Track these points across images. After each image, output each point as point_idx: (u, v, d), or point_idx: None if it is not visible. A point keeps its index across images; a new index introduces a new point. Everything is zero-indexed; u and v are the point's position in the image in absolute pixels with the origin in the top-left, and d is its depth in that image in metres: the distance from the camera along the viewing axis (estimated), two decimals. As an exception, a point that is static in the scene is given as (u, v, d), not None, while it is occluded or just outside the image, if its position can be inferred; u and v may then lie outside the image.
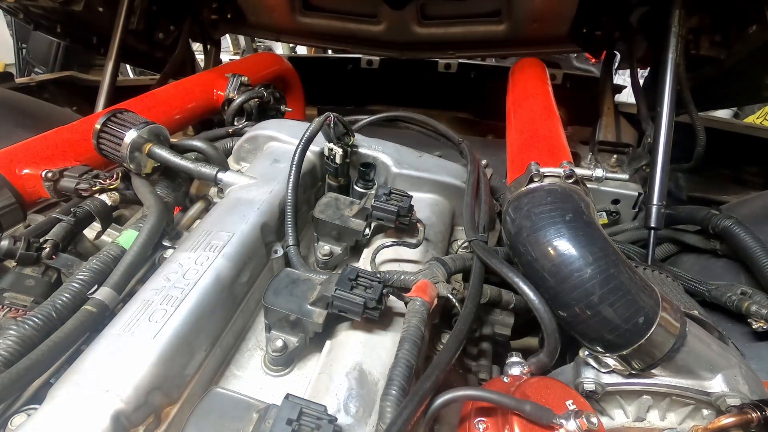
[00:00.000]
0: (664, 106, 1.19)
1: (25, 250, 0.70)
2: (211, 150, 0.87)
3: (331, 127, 0.79)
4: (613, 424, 0.66)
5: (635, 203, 1.22)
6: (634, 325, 0.58)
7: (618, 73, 1.99)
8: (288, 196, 0.75)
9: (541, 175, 0.71)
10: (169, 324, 0.54)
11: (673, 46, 1.23)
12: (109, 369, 0.50)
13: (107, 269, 0.66)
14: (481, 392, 0.54)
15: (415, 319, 0.59)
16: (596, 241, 0.62)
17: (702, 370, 0.63)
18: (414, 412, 0.49)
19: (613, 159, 1.33)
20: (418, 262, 0.74)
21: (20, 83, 1.72)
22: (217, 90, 1.38)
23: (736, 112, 3.86)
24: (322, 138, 0.82)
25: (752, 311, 0.92)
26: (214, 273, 0.61)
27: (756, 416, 0.56)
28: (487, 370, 0.78)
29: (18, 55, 2.98)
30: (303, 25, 2.00)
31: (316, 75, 2.16)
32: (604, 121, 1.61)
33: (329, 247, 0.76)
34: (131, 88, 1.86)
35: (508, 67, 1.64)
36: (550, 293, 0.63)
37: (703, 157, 1.33)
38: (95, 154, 0.83)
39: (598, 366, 0.64)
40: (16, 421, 0.52)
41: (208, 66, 2.13)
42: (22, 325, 0.56)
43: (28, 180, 0.84)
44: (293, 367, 0.65)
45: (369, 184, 0.85)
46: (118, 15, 1.66)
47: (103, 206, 0.80)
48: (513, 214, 0.70)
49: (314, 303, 0.61)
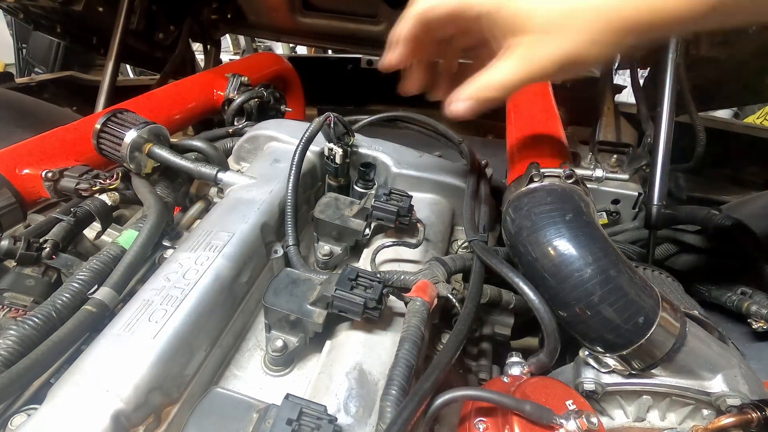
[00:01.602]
0: (664, 106, 1.19)
1: (25, 250, 0.70)
2: (211, 150, 0.87)
3: (331, 127, 0.79)
4: (613, 424, 0.66)
5: (635, 203, 1.22)
6: (634, 325, 0.58)
7: (618, 73, 1.99)
8: (288, 196, 0.75)
9: (541, 175, 0.71)
10: (169, 324, 0.54)
11: (673, 46, 1.23)
12: (109, 369, 0.50)
13: (107, 269, 0.66)
14: (481, 392, 0.54)
15: (415, 319, 0.59)
16: (596, 241, 0.62)
17: (702, 370, 0.63)
18: (414, 412, 0.49)
19: (613, 159, 1.33)
20: (418, 262, 0.74)
21: (20, 83, 1.72)
22: (217, 90, 1.38)
23: (736, 112, 3.86)
24: (322, 138, 0.82)
25: (752, 311, 0.92)
26: (214, 273, 0.61)
27: (756, 416, 0.56)
28: (487, 370, 0.78)
29: (18, 55, 2.97)
30: (303, 25, 2.00)
31: (316, 75, 2.15)
32: (604, 121, 1.61)
33: (329, 247, 0.76)
34: (131, 88, 1.86)
35: (508, 67, 1.64)
36: (550, 293, 0.63)
37: (703, 157, 1.34)
38: (95, 154, 0.83)
39: (598, 366, 0.64)
40: (16, 421, 0.52)
41: (208, 66, 2.13)
42: (22, 325, 0.56)
43: (28, 180, 0.84)
44: (293, 367, 0.65)
45: (369, 184, 0.85)
46: (118, 15, 1.66)
47: (103, 206, 0.80)
48: (513, 214, 0.70)
49: (314, 303, 0.61)
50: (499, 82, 0.59)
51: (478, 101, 0.61)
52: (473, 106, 0.62)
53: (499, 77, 0.59)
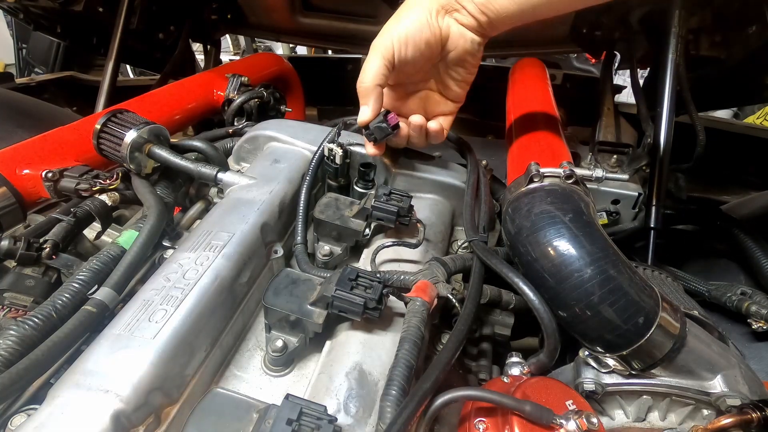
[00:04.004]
0: (664, 106, 1.19)
1: (25, 250, 0.70)
2: (211, 150, 0.87)
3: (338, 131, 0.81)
4: (613, 424, 0.66)
5: (635, 203, 1.22)
6: (634, 325, 0.58)
7: (618, 73, 1.98)
8: (302, 194, 0.78)
9: (541, 175, 0.72)
10: (169, 324, 0.54)
11: (673, 46, 1.23)
12: (109, 369, 0.50)
13: (107, 269, 0.66)
14: (481, 392, 0.54)
15: (415, 319, 0.59)
16: (596, 241, 0.62)
17: (702, 371, 0.63)
18: (414, 412, 0.49)
19: (613, 159, 1.33)
20: (418, 262, 0.74)
21: (20, 83, 1.72)
22: (217, 90, 1.38)
23: (736, 112, 3.86)
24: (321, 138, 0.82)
25: (752, 311, 0.92)
26: (214, 273, 0.61)
27: (756, 416, 0.57)
28: (487, 370, 0.78)
29: (18, 55, 2.97)
30: (303, 25, 2.00)
31: (316, 75, 2.16)
32: (604, 122, 1.61)
33: (329, 247, 0.76)
34: (131, 88, 1.86)
35: (508, 67, 1.64)
36: (550, 293, 0.63)
37: (703, 157, 1.33)
38: (95, 154, 0.83)
39: (598, 366, 0.64)
40: (16, 422, 0.52)
41: (208, 66, 2.13)
42: (22, 325, 0.56)
43: (28, 180, 0.84)
44: (293, 367, 0.65)
45: (369, 184, 0.85)
46: (118, 15, 1.65)
47: (103, 206, 0.80)
48: (513, 215, 0.70)
49: (314, 303, 0.61)
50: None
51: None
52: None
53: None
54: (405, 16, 0.73)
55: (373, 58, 0.73)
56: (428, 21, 0.72)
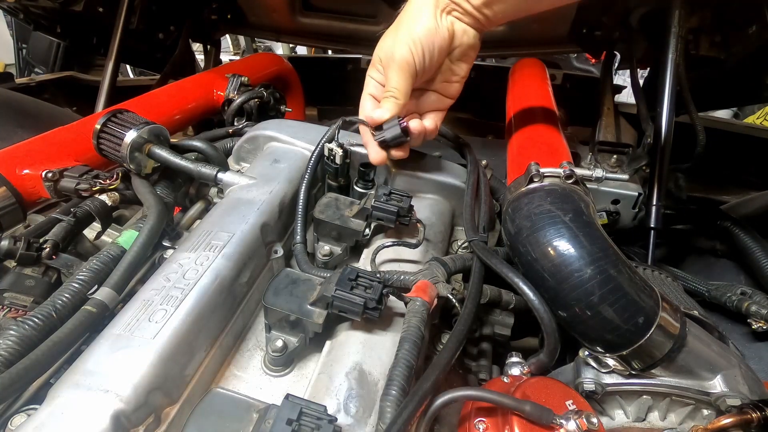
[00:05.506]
0: (664, 106, 1.19)
1: (25, 250, 0.70)
2: (211, 150, 0.87)
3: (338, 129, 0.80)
4: (613, 424, 0.66)
5: (635, 203, 1.22)
6: (634, 325, 0.58)
7: (618, 73, 1.99)
8: (300, 196, 0.78)
9: (541, 175, 0.72)
10: (170, 324, 0.54)
11: (673, 46, 1.23)
12: (109, 369, 0.50)
13: (107, 269, 0.66)
14: (481, 392, 0.54)
15: (415, 319, 0.59)
16: (596, 241, 0.62)
17: (702, 371, 0.63)
18: (414, 412, 0.49)
19: (613, 159, 1.33)
20: (418, 262, 0.74)
21: (20, 83, 1.72)
22: (217, 90, 1.38)
23: (736, 112, 3.86)
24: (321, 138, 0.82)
25: (752, 311, 0.92)
26: (214, 273, 0.61)
27: (756, 416, 0.57)
28: (487, 370, 0.78)
29: (18, 55, 2.97)
30: (303, 25, 2.00)
31: (316, 75, 2.15)
32: (604, 122, 1.61)
33: (329, 247, 0.76)
34: (131, 88, 1.86)
35: (508, 67, 1.64)
36: (550, 293, 0.63)
37: (703, 157, 1.33)
38: (95, 154, 0.83)
39: (598, 366, 0.64)
40: (16, 422, 0.52)
41: (208, 66, 2.13)
42: (22, 325, 0.56)
43: (28, 180, 0.84)
44: (293, 367, 0.65)
45: (369, 184, 0.85)
46: (118, 15, 1.65)
47: (103, 206, 0.80)
48: (513, 215, 0.70)
49: (314, 303, 0.61)
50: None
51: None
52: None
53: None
54: (415, 22, 0.72)
55: (401, 78, 0.73)
56: (437, 25, 0.72)
